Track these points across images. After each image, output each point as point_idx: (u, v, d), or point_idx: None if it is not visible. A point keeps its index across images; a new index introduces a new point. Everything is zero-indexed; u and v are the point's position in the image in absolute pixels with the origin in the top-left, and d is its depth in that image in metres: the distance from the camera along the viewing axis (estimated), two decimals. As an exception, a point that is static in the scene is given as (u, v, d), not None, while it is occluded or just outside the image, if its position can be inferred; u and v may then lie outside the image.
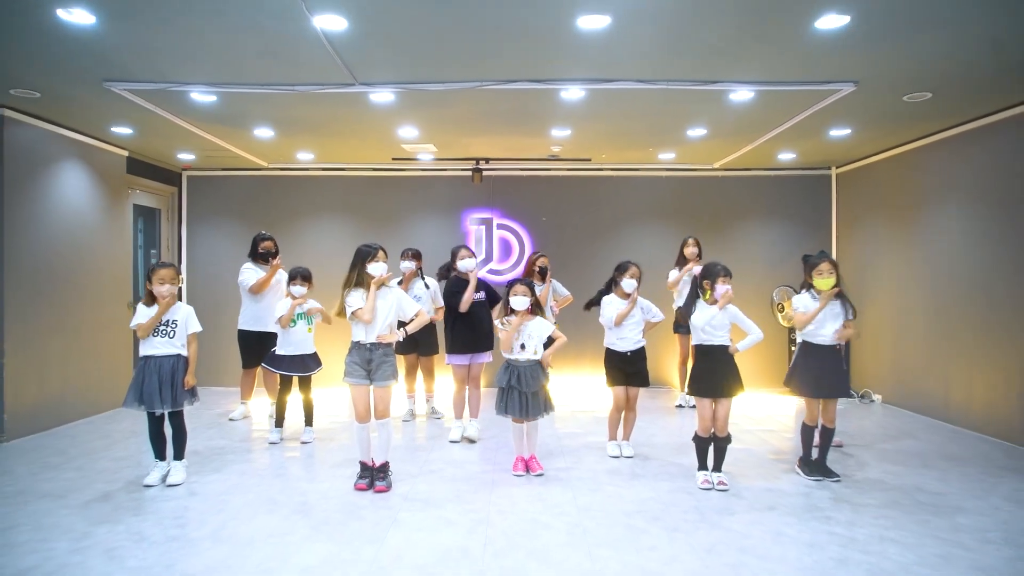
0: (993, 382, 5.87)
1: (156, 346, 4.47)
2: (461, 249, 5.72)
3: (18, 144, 5.81)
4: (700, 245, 7.02)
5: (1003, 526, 3.78)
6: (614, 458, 5.15)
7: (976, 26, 3.96)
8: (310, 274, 5.70)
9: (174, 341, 4.50)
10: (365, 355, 4.37)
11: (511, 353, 4.67)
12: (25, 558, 3.35)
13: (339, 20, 3.91)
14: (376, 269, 4.39)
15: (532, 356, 4.68)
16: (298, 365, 5.62)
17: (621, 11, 3.81)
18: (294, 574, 3.16)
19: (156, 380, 4.41)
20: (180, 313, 4.56)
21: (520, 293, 4.70)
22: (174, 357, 4.49)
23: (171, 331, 4.50)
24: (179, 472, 4.58)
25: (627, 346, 5.10)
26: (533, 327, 4.71)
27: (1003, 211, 5.79)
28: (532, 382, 4.63)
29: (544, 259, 6.55)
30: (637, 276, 5.09)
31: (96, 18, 3.87)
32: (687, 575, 3.16)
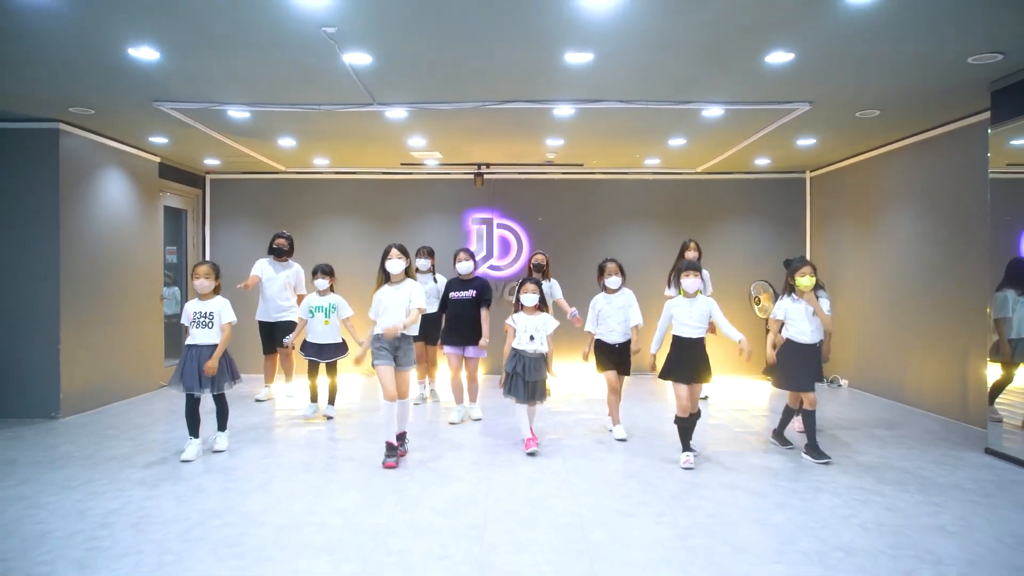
0: (938, 367, 6.61)
1: (197, 336, 5.04)
2: (460, 252, 6.30)
3: (71, 153, 6.54)
4: (700, 249, 6.86)
5: (920, 480, 4.53)
6: (621, 440, 5.55)
7: (905, 57, 4.67)
8: (331, 269, 6.35)
9: (212, 331, 5.04)
10: (393, 342, 4.90)
11: (518, 343, 5.19)
12: (110, 503, 4.09)
13: (365, 56, 4.64)
14: (392, 266, 4.93)
15: (539, 348, 5.18)
16: (318, 352, 6.31)
17: (601, 50, 4.54)
18: (333, 513, 3.91)
19: (196, 366, 4.96)
20: (216, 305, 5.09)
21: (530, 291, 5.24)
22: (213, 347, 5.02)
23: (209, 322, 5.04)
24: (223, 440, 5.26)
25: (615, 339, 5.57)
26: (541, 322, 5.24)
27: (946, 216, 6.52)
28: (535, 372, 5.16)
29: (541, 256, 6.75)
30: (615, 271, 5.58)
31: (160, 54, 4.59)
32: (653, 515, 3.91)
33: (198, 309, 5.07)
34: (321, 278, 6.25)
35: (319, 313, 6.26)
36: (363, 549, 3.44)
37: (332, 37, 4.23)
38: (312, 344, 6.31)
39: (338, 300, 6.34)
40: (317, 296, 6.31)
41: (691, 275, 5.02)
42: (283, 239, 7.10)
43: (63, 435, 5.80)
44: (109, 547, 3.43)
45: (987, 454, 5.19)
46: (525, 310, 5.26)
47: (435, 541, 3.54)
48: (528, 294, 5.26)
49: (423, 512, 3.95)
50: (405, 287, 4.98)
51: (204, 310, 5.06)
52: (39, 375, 6.38)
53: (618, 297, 5.62)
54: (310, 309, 6.27)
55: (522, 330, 5.21)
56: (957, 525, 3.76)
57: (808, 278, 5.03)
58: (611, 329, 5.59)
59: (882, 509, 4.00)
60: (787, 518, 3.86)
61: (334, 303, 6.31)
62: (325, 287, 6.26)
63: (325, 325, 6.26)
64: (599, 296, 5.68)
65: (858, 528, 3.71)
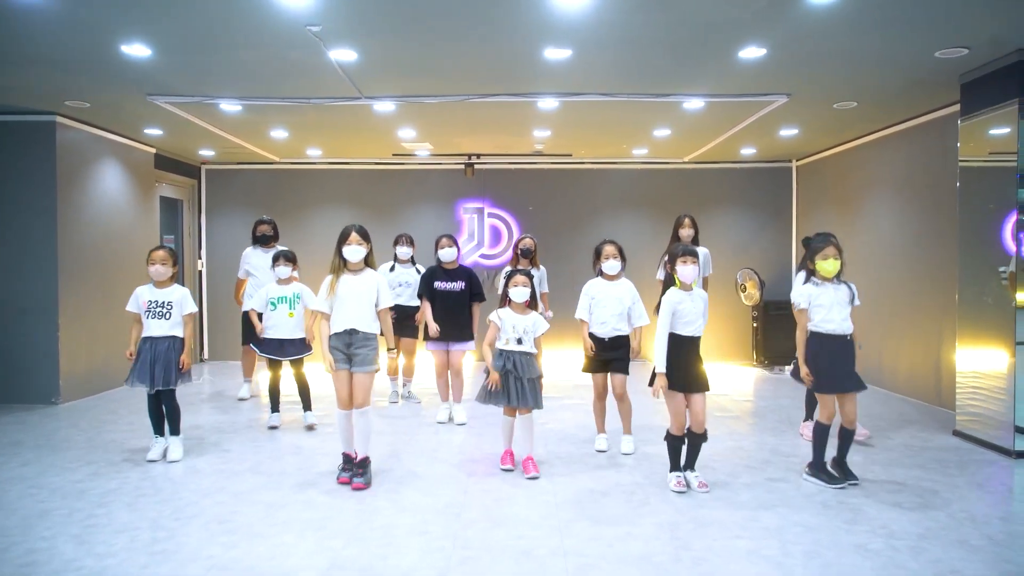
0: (913, 352, 6.79)
1: (153, 328, 4.66)
2: (442, 238, 5.81)
3: (67, 145, 6.69)
4: (696, 225, 6.08)
5: (886, 461, 4.72)
6: (601, 452, 4.94)
7: (874, 51, 4.82)
8: (294, 256, 5.71)
9: (169, 323, 4.68)
10: (343, 339, 4.22)
11: (505, 344, 4.48)
12: (108, 483, 4.28)
13: (350, 53, 4.79)
14: (350, 253, 4.22)
15: (527, 349, 4.47)
16: (279, 349, 5.58)
17: (579, 46, 4.68)
18: (321, 492, 4.10)
19: (149, 360, 4.61)
20: (175, 294, 4.72)
21: (520, 284, 4.47)
22: (169, 338, 4.66)
23: (167, 312, 4.67)
24: (177, 448, 4.77)
25: (606, 331, 4.82)
26: (528, 322, 4.50)
27: (917, 204, 6.69)
28: (529, 369, 4.44)
29: (529, 240, 6.28)
30: (614, 255, 4.84)
31: (151, 51, 4.73)
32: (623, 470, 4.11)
33: (154, 298, 4.68)
34: (283, 265, 5.58)
35: (282, 305, 5.56)
36: (348, 525, 3.63)
37: (317, 35, 4.38)
38: (273, 340, 5.58)
39: (303, 289, 5.65)
40: (277, 286, 5.62)
41: (689, 261, 4.14)
42: (266, 224, 6.71)
43: (64, 419, 5.99)
44: (107, 524, 3.62)
45: (955, 436, 5.38)
46: (513, 306, 4.51)
47: (415, 517, 3.73)
48: (518, 288, 4.48)
49: (408, 492, 4.14)
50: (368, 278, 4.29)
51: (161, 299, 4.69)
52: (39, 362, 6.57)
53: (616, 286, 4.86)
54: (270, 301, 5.57)
55: (509, 330, 4.48)
56: (914, 502, 3.94)
57: (832, 261, 4.21)
58: (603, 320, 4.81)
59: (846, 489, 4.18)
60: (752, 496, 4.04)
61: (299, 292, 5.63)
62: (287, 275, 5.60)
63: (290, 318, 5.57)
64: (595, 281, 4.91)
65: (819, 505, 3.90)
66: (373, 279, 4.31)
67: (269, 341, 5.62)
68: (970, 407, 5.33)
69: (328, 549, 3.33)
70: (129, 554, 3.26)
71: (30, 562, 3.19)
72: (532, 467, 4.46)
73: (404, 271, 6.44)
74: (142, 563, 3.17)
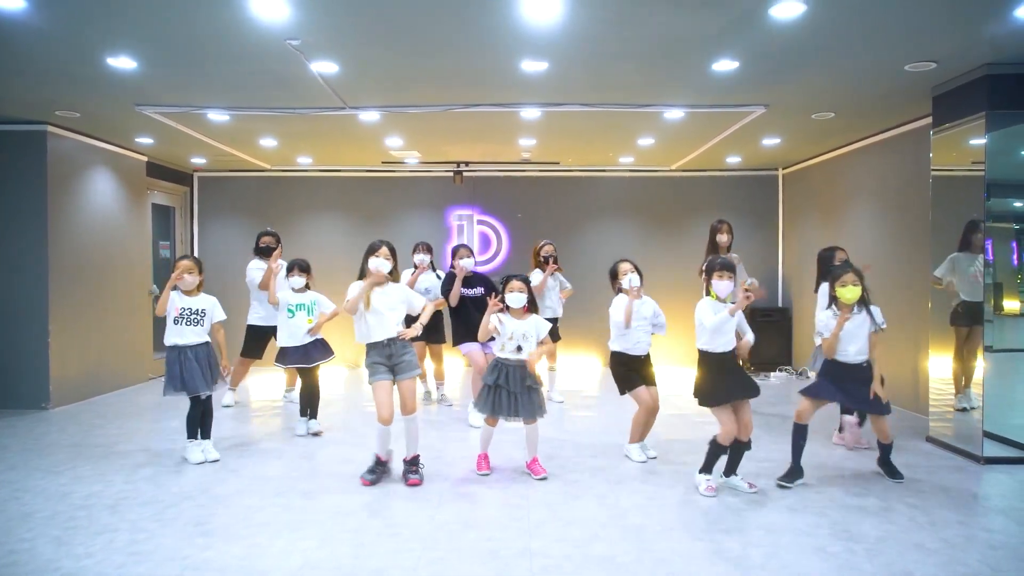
0: (891, 359, 6.87)
1: (185, 335, 4.78)
2: (461, 248, 6.03)
3: (58, 154, 6.80)
4: (732, 232, 6.43)
5: (856, 466, 4.81)
6: (642, 463, 4.89)
7: (844, 66, 4.93)
8: (308, 265, 5.74)
9: (201, 330, 4.84)
10: (384, 351, 4.34)
11: (501, 351, 4.48)
12: (91, 487, 4.37)
13: (331, 65, 4.89)
14: (374, 264, 4.35)
15: (523, 357, 4.43)
16: (302, 356, 5.62)
17: (555, 58, 4.79)
18: (299, 495, 4.19)
19: (196, 366, 4.76)
20: (206, 303, 4.92)
21: (516, 290, 4.43)
22: (203, 345, 4.84)
23: (200, 320, 4.84)
24: (212, 450, 4.95)
25: (640, 350, 4.78)
26: (529, 327, 4.45)
27: (897, 214, 6.79)
28: (520, 382, 4.42)
29: (549, 246, 6.63)
30: (631, 271, 4.79)
31: (137, 64, 4.84)
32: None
33: (186, 305, 4.81)
34: (298, 275, 5.64)
35: (300, 312, 5.62)
36: (323, 527, 3.72)
37: (297, 48, 4.49)
38: (294, 349, 5.61)
39: (319, 297, 5.73)
40: (293, 294, 5.66)
41: (726, 276, 4.10)
42: (270, 236, 6.67)
43: (53, 424, 6.08)
44: (87, 526, 3.71)
45: (927, 442, 5.47)
46: (511, 312, 4.45)
47: (388, 520, 3.82)
48: (515, 293, 4.41)
49: (385, 497, 4.23)
50: (396, 290, 4.48)
51: (194, 307, 4.83)
52: (30, 368, 6.66)
53: (644, 306, 4.79)
54: (288, 309, 5.63)
55: (506, 336, 4.41)
56: (877, 506, 4.03)
57: (851, 288, 4.20)
58: (638, 341, 4.77)
59: (812, 493, 4.27)
60: (718, 500, 4.13)
61: (315, 300, 5.70)
62: (302, 285, 5.66)
63: (309, 324, 5.63)
64: (620, 298, 4.80)
65: (784, 508, 3.99)
66: (401, 290, 4.55)
67: (292, 351, 5.63)
68: (940, 413, 5.43)
69: (301, 550, 3.41)
70: (107, 555, 3.35)
71: (10, 563, 3.28)
72: (540, 469, 4.54)
73: (424, 277, 6.56)
74: (118, 563, 3.26)
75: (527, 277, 4.62)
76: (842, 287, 4.22)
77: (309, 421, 5.74)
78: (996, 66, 4.84)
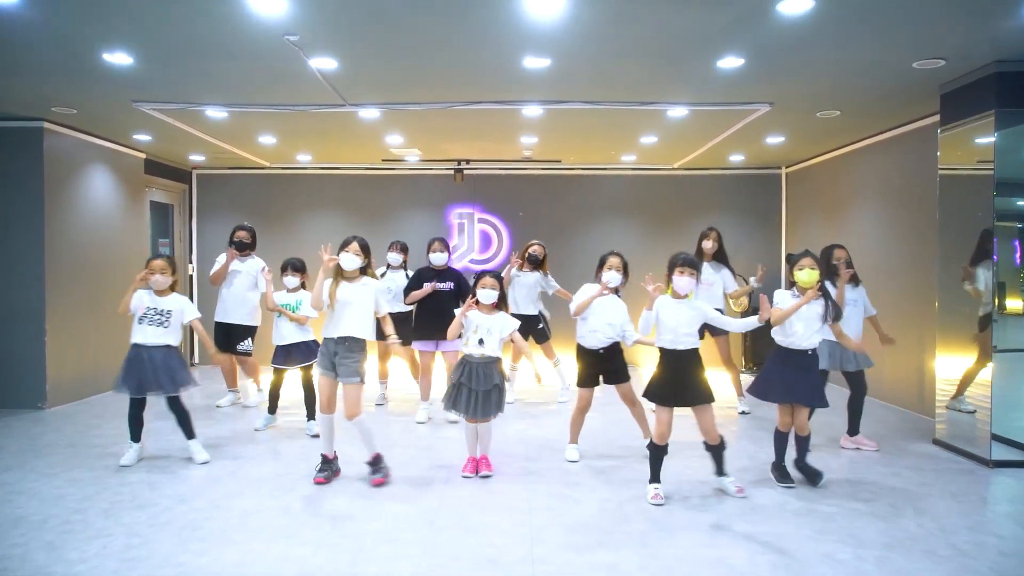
0: (896, 359, 6.81)
1: (148, 335, 4.64)
2: (434, 242, 5.98)
3: (56, 151, 6.72)
4: (721, 240, 6.40)
5: (864, 470, 4.74)
6: (572, 462, 4.88)
7: (852, 63, 4.85)
8: (303, 265, 5.64)
9: (167, 331, 4.69)
10: (330, 347, 4.32)
11: (465, 346, 4.46)
12: (87, 489, 4.30)
13: (331, 61, 4.82)
14: (345, 261, 4.31)
15: (489, 353, 4.41)
16: (284, 357, 5.57)
17: (558, 55, 4.71)
18: (297, 499, 4.12)
19: (149, 368, 4.60)
20: (175, 303, 4.75)
21: (488, 286, 4.42)
22: (164, 347, 4.66)
23: (165, 321, 4.68)
24: (199, 450, 4.87)
25: (598, 342, 4.74)
26: (495, 323, 4.44)
27: (901, 213, 6.72)
28: (484, 380, 4.38)
29: (538, 246, 6.51)
30: (618, 267, 4.75)
31: (133, 59, 4.77)
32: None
33: (153, 305, 4.70)
34: (292, 275, 5.55)
35: (288, 311, 5.56)
36: (319, 532, 3.65)
37: (296, 44, 4.41)
38: (282, 348, 5.58)
39: (306, 296, 5.53)
40: (286, 294, 5.60)
41: (686, 272, 4.15)
42: (244, 231, 6.49)
43: (49, 424, 6.02)
44: (81, 530, 3.64)
45: (934, 444, 5.40)
46: (481, 308, 4.46)
47: (387, 524, 3.75)
48: (486, 290, 4.41)
49: (382, 498, 4.17)
50: (366, 286, 4.42)
51: (160, 307, 4.71)
52: (26, 367, 6.59)
53: (612, 310, 4.76)
54: (279, 307, 5.56)
55: (471, 329, 4.42)
56: (885, 511, 3.96)
57: (808, 272, 4.27)
58: (594, 329, 4.74)
59: (819, 497, 4.20)
60: (724, 505, 4.06)
61: (301, 300, 5.57)
62: (295, 285, 5.57)
63: (292, 323, 5.57)
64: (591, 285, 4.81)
65: (790, 514, 3.92)
66: (372, 287, 4.45)
67: (277, 350, 5.61)
68: (949, 415, 5.35)
69: (297, 557, 3.35)
70: (100, 560, 3.29)
71: (1, 569, 3.21)
72: (485, 466, 4.59)
73: (392, 276, 6.55)
74: (112, 569, 3.20)
75: (499, 274, 4.61)
76: (799, 270, 4.33)
77: (309, 423, 5.69)
78: (1006, 63, 4.76)
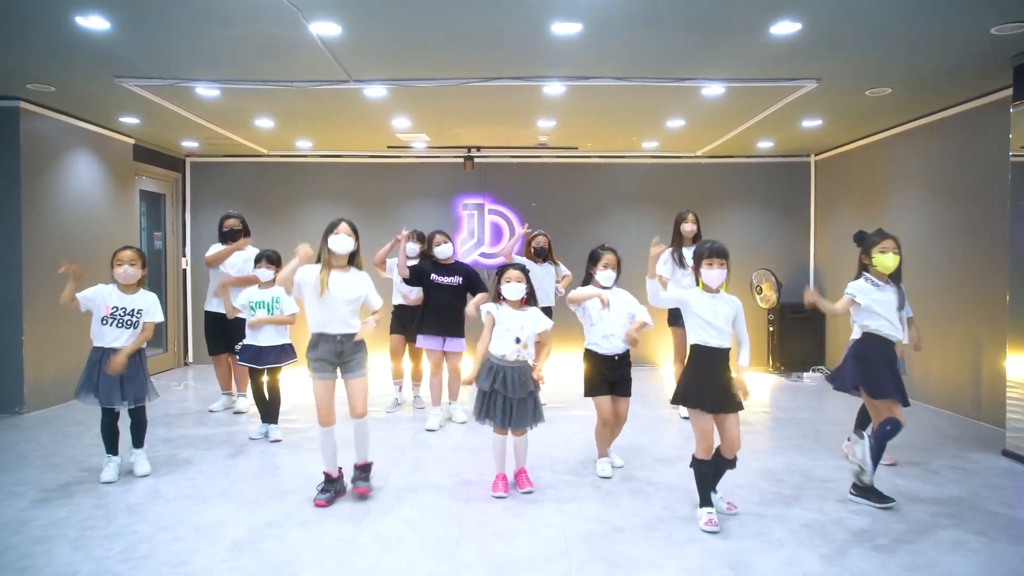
0: (948, 360, 6.27)
1: (114, 338, 4.21)
2: (437, 234, 5.63)
3: (33, 134, 6.17)
4: (699, 222, 6.01)
5: (933, 487, 4.21)
6: (605, 478, 4.38)
7: (923, 28, 4.30)
8: (278, 257, 5.26)
9: (137, 332, 4.26)
10: (335, 347, 3.91)
11: (497, 348, 4.00)
12: (56, 511, 3.77)
13: (333, 27, 4.26)
14: (336, 243, 3.88)
15: (524, 354, 3.99)
16: (257, 357, 5.19)
17: (591, 20, 4.16)
18: (296, 525, 3.59)
19: (115, 376, 4.18)
20: (144, 301, 4.33)
21: (514, 280, 4.00)
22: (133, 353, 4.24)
23: (134, 321, 4.24)
24: (143, 462, 4.44)
25: (613, 348, 4.25)
26: (527, 320, 4.01)
27: (956, 200, 6.16)
28: (520, 387, 3.94)
29: (542, 237, 6.23)
30: (613, 265, 4.30)
31: (110, 24, 4.22)
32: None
33: (120, 304, 4.23)
34: (266, 267, 5.17)
35: (261, 310, 5.16)
36: (324, 567, 3.12)
37: (294, 4, 3.86)
38: (251, 347, 5.19)
39: (282, 293, 5.15)
40: (258, 290, 5.21)
41: (715, 263, 3.60)
42: (234, 219, 6.10)
43: (25, 432, 5.49)
44: (43, 565, 3.11)
45: (1004, 456, 4.86)
46: (509, 304, 4.03)
47: (402, 559, 3.22)
48: (512, 283, 3.99)
49: (394, 524, 3.63)
50: (359, 277, 4.00)
51: (129, 306, 4.24)
52: (2, 369, 6.05)
53: (616, 295, 4.29)
54: (250, 304, 5.17)
55: (504, 328, 3.98)
56: (978, 542, 3.42)
57: (892, 256, 3.93)
58: (608, 334, 4.24)
59: (894, 522, 3.67)
60: (790, 533, 3.53)
61: (277, 296, 5.17)
62: (269, 278, 5.17)
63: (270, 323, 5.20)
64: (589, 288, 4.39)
65: (869, 547, 3.37)
66: (364, 278, 4.05)
67: (247, 348, 5.24)
68: (1021, 423, 4.81)
69: (297, 603, 2.82)
70: (60, 608, 2.76)
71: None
72: (526, 481, 4.14)
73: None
74: (73, 621, 2.67)
75: (525, 267, 4.14)
76: (882, 253, 3.99)
77: (269, 427, 5.32)
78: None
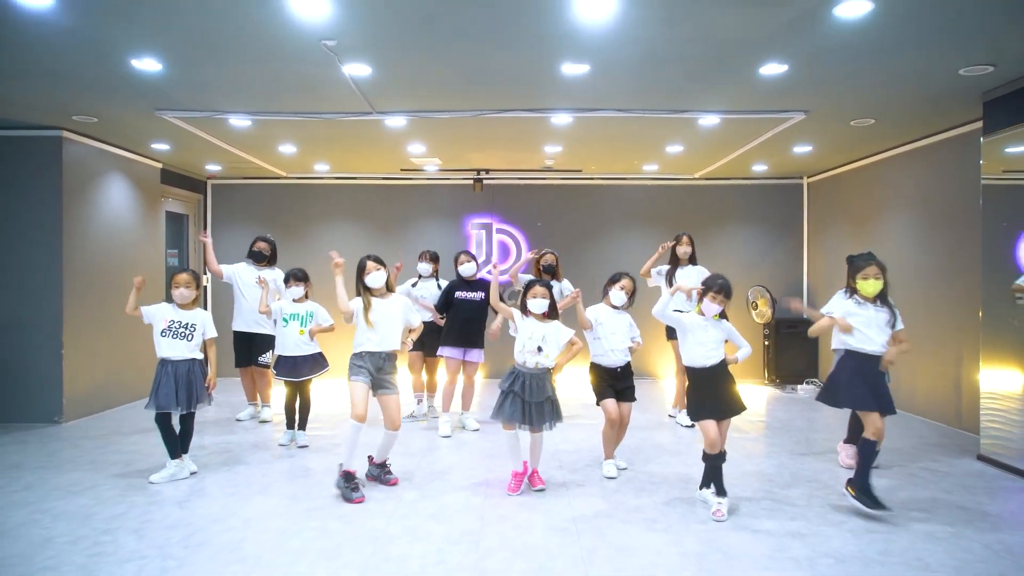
0: (932, 373, 6.67)
1: (171, 349, 4.64)
2: (461, 255, 6.16)
3: (73, 161, 6.61)
4: (694, 244, 6.46)
5: (910, 487, 4.59)
6: (611, 479, 4.76)
7: (897, 69, 4.74)
8: (305, 275, 5.63)
9: (190, 345, 4.68)
10: (376, 362, 4.43)
11: (519, 354, 4.39)
12: (114, 508, 4.15)
13: (365, 68, 4.71)
14: (372, 280, 4.48)
15: (544, 363, 4.36)
16: (291, 369, 5.54)
17: (597, 61, 4.61)
18: (333, 518, 3.97)
19: (172, 383, 4.58)
20: (199, 317, 4.77)
21: (539, 295, 4.39)
22: (189, 361, 4.66)
23: (189, 334, 4.69)
24: (189, 463, 4.81)
25: (616, 361, 4.73)
26: (549, 331, 4.40)
27: (937, 222, 6.59)
28: (537, 392, 4.33)
29: (550, 255, 6.44)
30: (628, 290, 4.78)
31: (162, 66, 4.66)
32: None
33: (177, 318, 4.70)
34: (295, 285, 5.55)
35: (294, 322, 5.52)
36: (362, 555, 3.50)
37: (332, 50, 4.30)
38: (287, 359, 5.55)
39: (316, 307, 5.61)
40: (290, 304, 5.59)
41: (718, 299, 4.12)
42: (264, 243, 6.50)
43: (66, 440, 5.87)
44: (113, 552, 3.50)
45: (979, 460, 5.25)
46: (534, 316, 4.44)
47: (432, 547, 3.61)
48: (537, 299, 4.39)
49: (420, 519, 4.02)
50: (396, 301, 4.58)
51: (185, 320, 4.71)
52: (42, 380, 6.44)
53: (621, 315, 4.82)
54: (283, 317, 5.55)
55: (527, 336, 4.37)
56: (946, 532, 3.81)
57: (872, 282, 4.17)
58: (611, 348, 4.72)
59: (872, 514, 4.05)
60: (777, 524, 3.91)
61: (311, 311, 5.57)
62: (300, 295, 5.57)
63: (301, 335, 5.54)
64: (600, 307, 4.85)
65: (849, 534, 3.77)
66: (401, 301, 4.63)
67: (283, 361, 5.59)
68: (994, 430, 5.21)
69: (343, 581, 3.20)
70: (137, 585, 3.14)
71: (34, 594, 3.07)
72: (539, 480, 4.54)
73: (424, 286, 6.53)
74: (151, 596, 3.05)
75: (549, 284, 4.55)
76: (864, 279, 4.24)
77: (296, 432, 5.67)
78: (1055, 70, 4.66)
